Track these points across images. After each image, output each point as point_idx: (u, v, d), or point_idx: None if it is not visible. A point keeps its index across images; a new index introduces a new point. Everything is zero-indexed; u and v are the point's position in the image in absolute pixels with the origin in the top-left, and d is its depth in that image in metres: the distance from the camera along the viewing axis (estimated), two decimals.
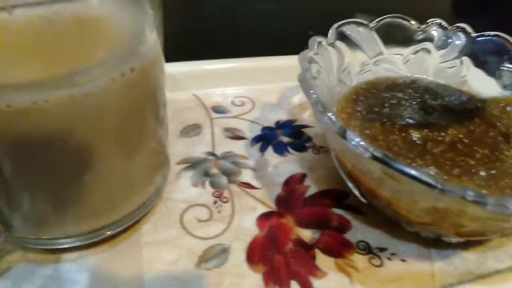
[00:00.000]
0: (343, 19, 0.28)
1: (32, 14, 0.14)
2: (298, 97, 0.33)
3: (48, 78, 0.15)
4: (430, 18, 0.30)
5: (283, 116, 0.32)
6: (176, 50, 0.25)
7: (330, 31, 0.27)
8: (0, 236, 0.19)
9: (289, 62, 0.33)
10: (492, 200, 0.17)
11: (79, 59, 0.16)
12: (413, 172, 0.17)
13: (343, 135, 0.19)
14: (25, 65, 0.15)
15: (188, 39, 0.45)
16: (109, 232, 0.21)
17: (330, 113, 0.20)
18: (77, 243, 0.21)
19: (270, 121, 0.31)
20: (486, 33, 0.29)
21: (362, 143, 0.19)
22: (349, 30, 0.28)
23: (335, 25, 0.27)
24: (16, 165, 0.17)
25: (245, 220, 0.24)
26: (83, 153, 0.18)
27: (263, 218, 0.24)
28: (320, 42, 0.25)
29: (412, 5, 0.57)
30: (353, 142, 0.19)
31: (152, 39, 0.18)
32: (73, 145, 0.17)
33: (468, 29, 0.29)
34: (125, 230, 0.22)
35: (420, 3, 0.59)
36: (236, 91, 0.34)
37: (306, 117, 0.32)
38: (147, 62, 0.18)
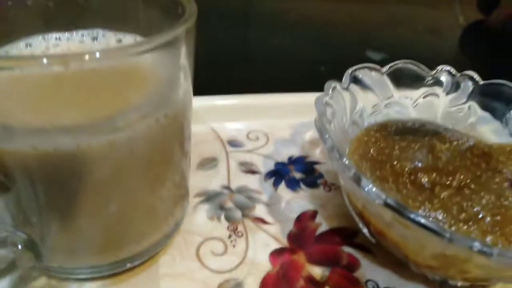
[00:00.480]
0: (354, 54, 0.29)
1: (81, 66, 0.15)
2: (310, 134, 0.35)
3: (91, 121, 0.16)
4: (436, 53, 0.31)
5: (295, 152, 0.33)
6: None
7: (344, 76, 0.28)
8: (32, 266, 0.20)
9: (302, 99, 0.35)
10: (497, 251, 0.18)
11: (119, 105, 0.17)
12: (423, 221, 0.18)
13: (357, 181, 0.20)
14: (70, 111, 0.16)
15: (199, 73, 0.47)
16: (129, 265, 0.22)
17: (344, 159, 0.22)
18: (98, 274, 0.22)
19: (283, 156, 0.32)
20: (494, 80, 0.30)
21: (375, 190, 0.20)
22: (362, 74, 0.29)
23: (349, 70, 0.28)
24: (53, 201, 0.18)
25: (258, 255, 0.25)
26: (114, 189, 0.19)
27: (276, 254, 0.25)
28: (335, 87, 0.27)
29: (420, 41, 0.59)
30: (366, 189, 0.20)
31: (185, 87, 0.19)
32: (105, 183, 0.18)
33: (476, 76, 0.30)
34: (144, 261, 0.23)
35: (428, 41, 0.60)
36: (251, 125, 0.35)
37: (318, 153, 0.33)
38: (180, 108, 0.19)
